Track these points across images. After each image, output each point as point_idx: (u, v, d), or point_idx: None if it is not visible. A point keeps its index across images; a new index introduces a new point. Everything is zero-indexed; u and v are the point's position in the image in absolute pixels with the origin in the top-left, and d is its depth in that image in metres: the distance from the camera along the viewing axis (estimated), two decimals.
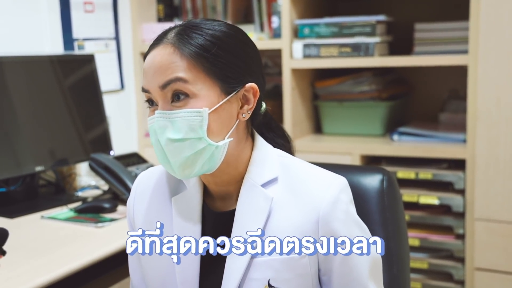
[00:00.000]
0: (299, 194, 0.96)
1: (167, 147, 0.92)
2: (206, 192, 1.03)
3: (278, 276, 0.94)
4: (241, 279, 0.95)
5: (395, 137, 2.19)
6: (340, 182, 0.98)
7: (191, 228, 1.00)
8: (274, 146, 1.04)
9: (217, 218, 1.01)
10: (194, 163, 0.92)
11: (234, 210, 0.98)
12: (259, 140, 1.02)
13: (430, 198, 2.05)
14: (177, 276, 0.99)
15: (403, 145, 2.12)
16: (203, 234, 1.01)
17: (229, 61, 0.94)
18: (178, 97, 0.91)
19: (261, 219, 0.95)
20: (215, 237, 1.00)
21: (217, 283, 0.97)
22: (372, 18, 2.15)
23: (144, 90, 0.95)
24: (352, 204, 0.99)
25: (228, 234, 0.98)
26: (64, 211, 1.73)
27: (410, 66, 2.28)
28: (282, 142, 1.07)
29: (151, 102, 0.95)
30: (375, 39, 2.12)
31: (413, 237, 2.09)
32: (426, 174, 2.06)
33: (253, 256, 0.95)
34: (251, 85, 0.96)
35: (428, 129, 2.20)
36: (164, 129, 0.91)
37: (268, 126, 1.07)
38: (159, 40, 0.95)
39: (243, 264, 0.94)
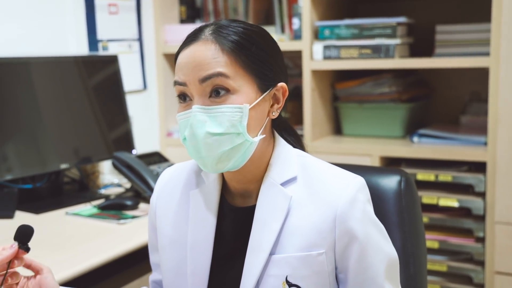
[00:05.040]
0: (317, 193, 0.98)
1: (204, 141, 0.93)
2: (226, 189, 1.06)
3: (296, 273, 0.96)
4: (259, 275, 0.97)
5: (415, 139, 2.19)
6: (358, 181, 0.99)
7: (206, 221, 1.02)
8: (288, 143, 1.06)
9: (237, 212, 1.03)
10: (229, 158, 0.94)
11: (253, 206, 1.00)
12: (279, 140, 1.04)
13: (450, 201, 2.05)
14: (188, 269, 1.02)
15: (423, 147, 2.12)
16: (221, 228, 1.03)
17: (265, 59, 0.96)
18: (218, 92, 0.93)
19: (280, 217, 0.97)
20: (233, 231, 1.02)
21: (236, 279, 1.00)
22: (393, 20, 2.15)
23: (178, 83, 0.95)
24: (369, 203, 1.01)
25: (247, 229, 1.00)
26: (87, 207, 1.77)
27: (431, 68, 2.27)
28: (294, 139, 1.09)
29: (183, 97, 0.96)
30: (396, 41, 2.12)
31: (432, 240, 2.09)
32: (446, 176, 2.06)
33: (272, 253, 0.97)
34: (282, 84, 0.99)
35: (448, 131, 2.19)
36: (203, 123, 0.92)
37: (283, 128, 1.09)
38: (195, 36, 0.96)
39: (261, 261, 0.97)
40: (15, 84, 1.81)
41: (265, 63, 0.96)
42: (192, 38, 0.96)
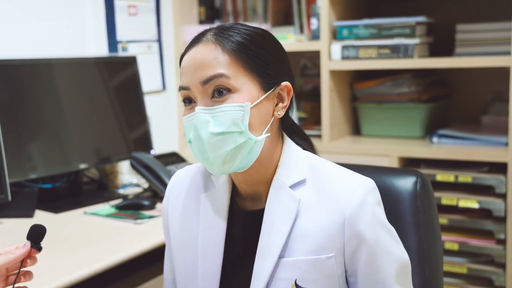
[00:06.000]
0: (326, 195, 0.97)
1: (208, 141, 0.93)
2: (236, 192, 1.06)
3: (305, 276, 0.95)
4: (268, 279, 0.97)
5: (435, 139, 2.16)
6: (367, 184, 0.98)
7: (217, 225, 1.03)
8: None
9: (246, 216, 1.03)
10: (233, 158, 0.94)
11: (263, 209, 1.00)
12: (288, 142, 1.04)
13: (470, 202, 2.02)
14: (199, 272, 1.02)
15: (442, 148, 2.09)
16: (231, 231, 1.03)
17: (267, 59, 0.97)
18: (220, 93, 0.93)
19: (289, 220, 0.97)
20: (244, 235, 1.02)
21: (245, 282, 1.00)
22: (412, 19, 2.13)
23: (183, 88, 0.96)
24: (379, 206, 1.00)
25: (257, 232, 1.00)
26: (105, 207, 1.79)
27: (452, 68, 2.25)
28: (305, 144, 1.09)
29: (188, 100, 0.97)
30: (415, 41, 2.10)
31: (452, 241, 2.06)
32: (466, 177, 2.03)
33: (281, 256, 0.97)
34: (286, 84, 0.99)
35: (469, 131, 2.16)
36: (206, 124, 0.93)
37: (292, 130, 1.09)
38: (197, 39, 0.97)
39: (270, 264, 0.96)
40: (37, 85, 1.84)
41: (267, 62, 0.96)
42: (194, 41, 0.97)
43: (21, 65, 1.81)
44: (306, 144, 1.08)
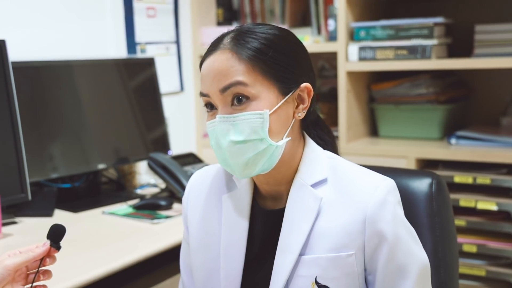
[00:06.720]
0: (347, 195, 0.98)
1: (228, 149, 0.95)
2: (257, 192, 1.06)
3: (325, 273, 0.96)
4: (289, 276, 0.97)
5: (453, 141, 2.15)
6: (388, 183, 0.99)
7: (239, 225, 1.03)
8: (320, 143, 1.07)
9: (267, 215, 1.04)
10: (255, 164, 0.96)
11: (284, 209, 1.01)
12: (309, 141, 1.05)
13: (488, 204, 2.00)
14: (221, 272, 1.03)
15: (460, 149, 2.07)
16: (252, 231, 1.04)
17: (285, 62, 0.97)
18: (240, 100, 0.94)
19: (310, 219, 0.98)
20: (264, 234, 1.03)
21: (266, 280, 1.00)
22: (430, 20, 2.12)
23: (203, 95, 0.98)
24: (400, 205, 1.00)
25: (277, 232, 1.01)
26: (123, 207, 1.81)
27: (471, 69, 2.23)
28: (328, 139, 1.10)
29: (210, 106, 0.98)
30: (433, 42, 2.08)
31: (470, 243, 2.04)
32: (484, 179, 2.01)
33: (301, 254, 0.98)
34: (305, 85, 0.99)
35: (488, 133, 2.14)
36: (226, 132, 0.94)
37: (315, 124, 1.09)
38: (215, 46, 0.98)
39: (291, 261, 0.97)
40: (57, 86, 1.87)
41: (285, 66, 0.97)
42: (212, 48, 0.98)
43: (42, 67, 1.84)
44: (329, 140, 1.09)
